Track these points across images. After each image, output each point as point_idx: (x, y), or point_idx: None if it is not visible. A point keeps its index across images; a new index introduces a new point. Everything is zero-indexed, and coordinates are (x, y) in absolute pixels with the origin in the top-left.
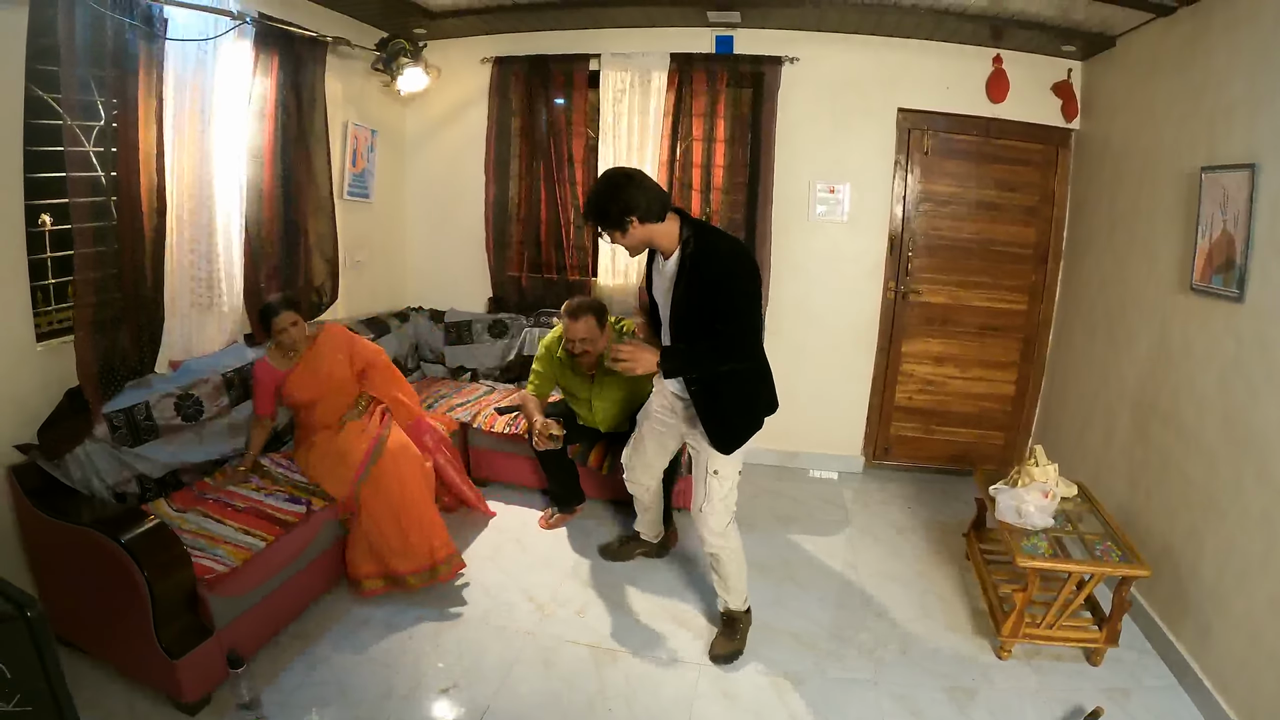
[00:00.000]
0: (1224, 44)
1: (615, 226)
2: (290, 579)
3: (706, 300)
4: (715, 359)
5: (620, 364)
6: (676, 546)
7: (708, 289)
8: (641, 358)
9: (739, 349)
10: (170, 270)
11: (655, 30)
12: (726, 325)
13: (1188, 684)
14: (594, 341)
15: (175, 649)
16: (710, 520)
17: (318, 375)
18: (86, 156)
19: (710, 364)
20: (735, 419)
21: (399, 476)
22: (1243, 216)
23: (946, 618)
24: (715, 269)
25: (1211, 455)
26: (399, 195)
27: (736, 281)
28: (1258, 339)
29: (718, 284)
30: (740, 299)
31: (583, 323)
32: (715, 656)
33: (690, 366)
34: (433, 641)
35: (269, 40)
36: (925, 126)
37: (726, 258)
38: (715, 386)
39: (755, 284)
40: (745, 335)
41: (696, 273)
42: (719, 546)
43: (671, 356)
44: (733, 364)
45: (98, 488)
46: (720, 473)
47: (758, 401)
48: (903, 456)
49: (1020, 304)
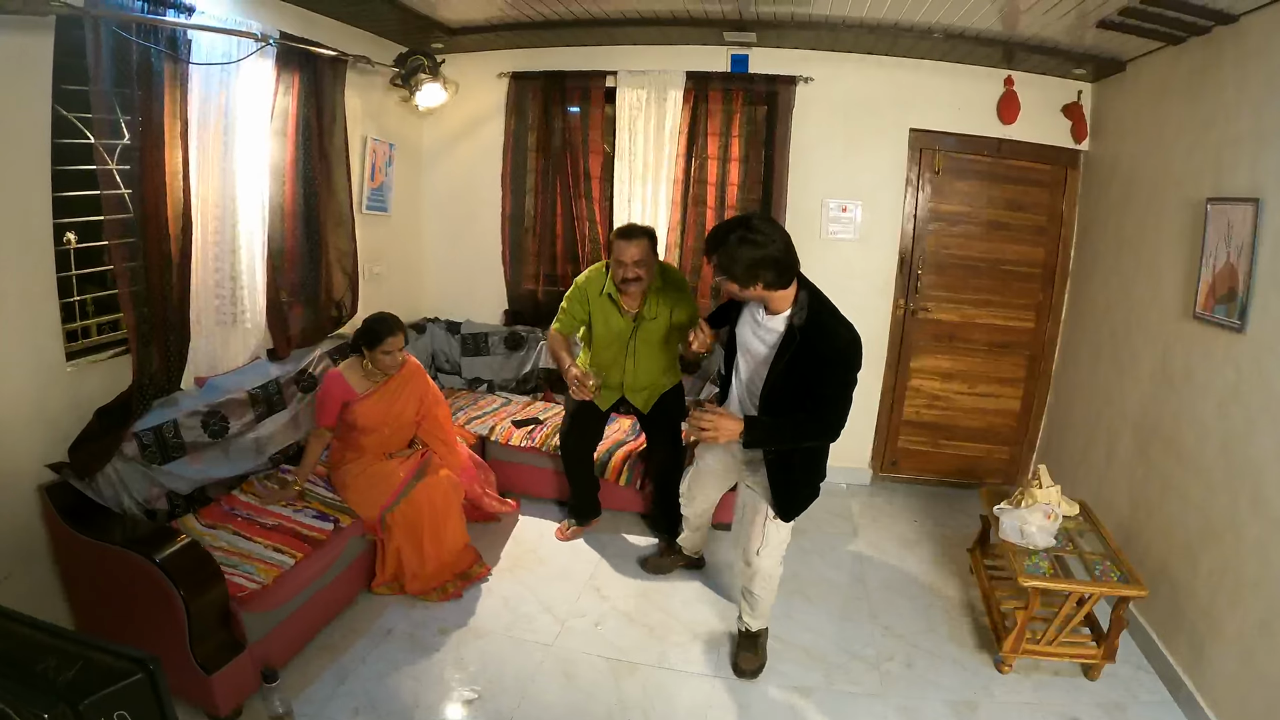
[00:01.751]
0: (1233, 77)
1: (735, 280)
2: (318, 593)
3: (808, 378)
4: (799, 436)
5: (703, 433)
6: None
7: (812, 369)
8: (725, 426)
9: (825, 432)
10: (195, 288)
11: (671, 48)
12: (820, 408)
13: (1181, 700)
14: (648, 267)
15: (210, 664)
16: (765, 563)
17: (391, 408)
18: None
19: (793, 440)
20: (802, 489)
21: (431, 507)
22: (1246, 249)
23: (950, 632)
24: (828, 353)
25: (1209, 480)
26: (416, 208)
27: (845, 371)
28: (1257, 370)
29: (825, 367)
30: (843, 388)
31: (635, 245)
32: (742, 671)
33: (773, 440)
34: (455, 653)
35: (291, 59)
36: (937, 146)
37: (844, 346)
38: (790, 459)
39: (857, 372)
40: (837, 422)
41: (807, 350)
42: (763, 587)
43: (755, 428)
44: (815, 443)
45: (128, 505)
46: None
47: (820, 472)
48: (909, 469)
49: (1028, 322)
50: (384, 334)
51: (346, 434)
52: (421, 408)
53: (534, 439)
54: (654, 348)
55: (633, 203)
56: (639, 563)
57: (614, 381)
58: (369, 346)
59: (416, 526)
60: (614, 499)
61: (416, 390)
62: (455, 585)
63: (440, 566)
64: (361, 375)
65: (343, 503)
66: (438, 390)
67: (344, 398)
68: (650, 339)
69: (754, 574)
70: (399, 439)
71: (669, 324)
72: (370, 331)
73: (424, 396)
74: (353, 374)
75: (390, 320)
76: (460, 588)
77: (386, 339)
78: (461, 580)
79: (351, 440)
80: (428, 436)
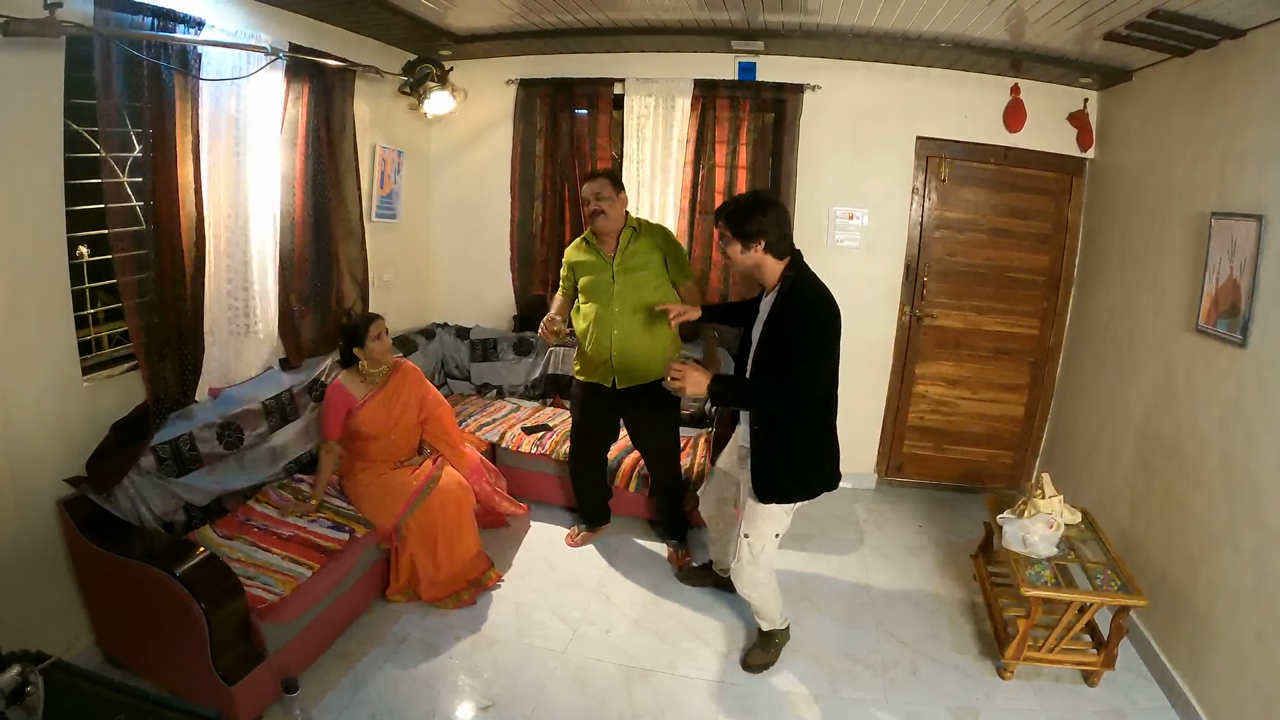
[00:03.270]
0: (1239, 92)
1: (740, 238)
2: (334, 602)
3: (781, 341)
4: (762, 397)
5: (673, 383)
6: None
7: (784, 331)
8: (692, 376)
9: (789, 395)
10: (209, 299)
11: (679, 55)
12: (787, 366)
13: (1180, 707)
14: (609, 203)
15: (231, 675)
16: (743, 576)
17: (390, 412)
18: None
19: (756, 400)
20: (781, 474)
21: (444, 514)
22: (1249, 265)
23: (954, 638)
24: (795, 310)
25: (1210, 492)
26: (424, 215)
27: (808, 331)
28: (1258, 385)
29: (793, 328)
30: (808, 349)
31: (595, 181)
32: (746, 665)
33: (736, 396)
34: (469, 660)
35: (300, 70)
36: (943, 154)
37: (810, 302)
38: (773, 439)
39: (828, 337)
40: (801, 383)
41: (781, 312)
42: (750, 596)
43: (721, 380)
44: (780, 408)
45: (146, 518)
46: (750, 537)
47: (812, 468)
48: (914, 474)
49: (1032, 329)
50: (364, 324)
51: (353, 443)
52: (423, 410)
53: (543, 446)
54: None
55: (640, 210)
56: (675, 574)
57: (603, 354)
58: (358, 345)
59: (430, 535)
60: (624, 505)
61: (415, 392)
62: (469, 592)
63: (454, 574)
64: (360, 381)
65: (357, 512)
66: (437, 393)
67: (346, 406)
68: (635, 292)
69: (737, 584)
70: (405, 444)
71: (660, 274)
72: (352, 330)
73: (424, 398)
74: (351, 382)
75: (362, 314)
76: (474, 595)
77: (368, 327)
78: (475, 587)
79: (359, 449)
80: (434, 440)
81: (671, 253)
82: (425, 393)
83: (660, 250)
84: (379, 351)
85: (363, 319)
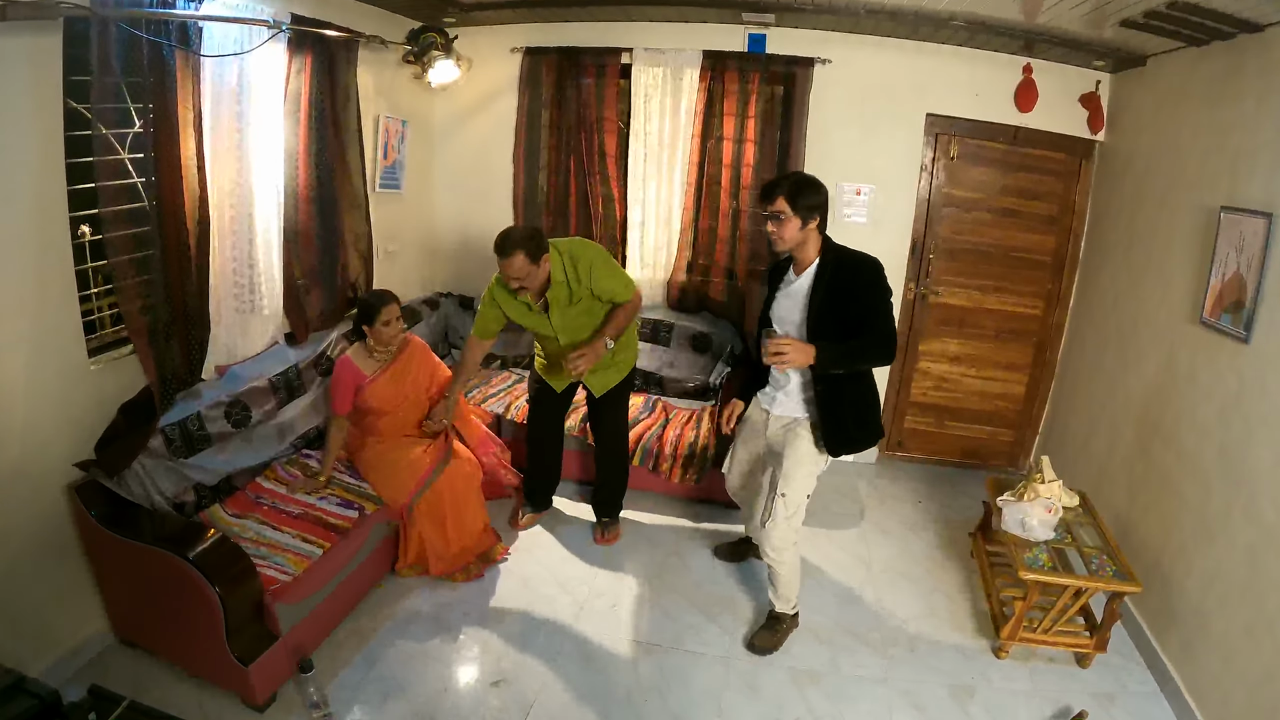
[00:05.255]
0: (1255, 87)
1: (796, 212)
2: (345, 578)
3: (850, 304)
4: (864, 352)
5: (778, 358)
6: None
7: (851, 296)
8: (796, 347)
9: (885, 346)
10: (214, 277)
11: (688, 25)
12: (874, 324)
13: (1169, 692)
14: (531, 278)
15: (246, 656)
16: (773, 536)
17: (400, 388)
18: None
19: (860, 357)
20: (852, 426)
21: (453, 491)
22: (1256, 262)
23: (951, 617)
24: (862, 276)
25: (1206, 482)
26: (428, 184)
27: (881, 290)
28: (1259, 381)
29: (863, 289)
30: (885, 303)
31: (507, 262)
32: (751, 646)
33: (843, 359)
34: (479, 635)
35: (302, 41)
36: (952, 131)
37: (870, 267)
38: (841, 395)
39: (889, 293)
40: (892, 335)
41: (840, 281)
42: (776, 561)
43: (824, 349)
44: (880, 360)
45: (157, 501)
46: (787, 496)
47: (875, 417)
48: (915, 450)
49: (1036, 310)
50: (379, 305)
51: (362, 418)
52: (432, 384)
53: None
54: (584, 332)
55: (647, 183)
56: (712, 550)
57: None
58: (368, 324)
59: (439, 511)
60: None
61: (424, 367)
62: (477, 566)
63: (462, 549)
64: (368, 357)
65: (366, 488)
66: (448, 370)
67: (355, 382)
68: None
69: (765, 547)
70: (414, 418)
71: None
72: (365, 307)
73: (433, 373)
74: (360, 358)
75: (381, 293)
76: (482, 569)
77: (382, 310)
78: (483, 561)
79: (369, 425)
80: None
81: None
82: (435, 367)
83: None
84: (387, 336)
85: (377, 298)
